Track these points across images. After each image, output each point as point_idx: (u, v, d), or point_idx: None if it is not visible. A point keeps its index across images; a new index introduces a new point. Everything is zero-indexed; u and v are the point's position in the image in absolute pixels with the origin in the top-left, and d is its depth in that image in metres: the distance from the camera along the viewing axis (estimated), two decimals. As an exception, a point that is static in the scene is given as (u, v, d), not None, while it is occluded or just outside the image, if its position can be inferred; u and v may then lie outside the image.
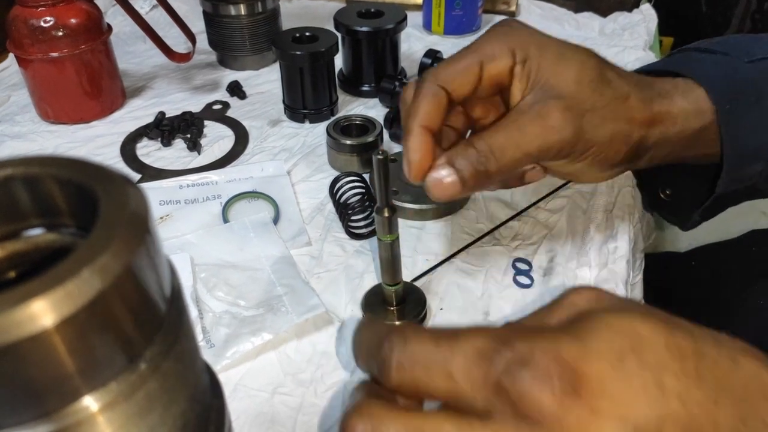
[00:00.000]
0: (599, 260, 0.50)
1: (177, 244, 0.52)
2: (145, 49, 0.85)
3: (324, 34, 0.67)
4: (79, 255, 0.17)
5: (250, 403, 0.41)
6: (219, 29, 0.77)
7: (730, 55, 0.46)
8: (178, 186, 0.59)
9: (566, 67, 0.39)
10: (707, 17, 1.86)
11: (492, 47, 0.40)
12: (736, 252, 0.74)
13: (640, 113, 0.41)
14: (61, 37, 0.64)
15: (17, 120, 0.71)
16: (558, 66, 0.39)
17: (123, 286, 0.17)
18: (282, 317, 0.46)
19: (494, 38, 0.40)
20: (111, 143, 0.67)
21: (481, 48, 0.40)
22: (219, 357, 0.43)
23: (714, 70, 0.45)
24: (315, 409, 0.40)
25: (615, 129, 0.40)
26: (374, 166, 0.37)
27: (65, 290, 0.16)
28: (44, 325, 0.16)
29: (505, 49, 0.39)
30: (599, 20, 0.91)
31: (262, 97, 0.75)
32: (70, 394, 0.18)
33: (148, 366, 0.19)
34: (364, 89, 0.74)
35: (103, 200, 0.19)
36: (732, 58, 0.45)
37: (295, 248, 0.53)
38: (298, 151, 0.65)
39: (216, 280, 0.49)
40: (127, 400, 0.19)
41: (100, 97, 0.70)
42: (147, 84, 0.78)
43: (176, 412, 0.22)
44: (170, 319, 0.20)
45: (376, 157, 0.36)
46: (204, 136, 0.68)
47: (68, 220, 0.21)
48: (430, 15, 0.88)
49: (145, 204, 0.19)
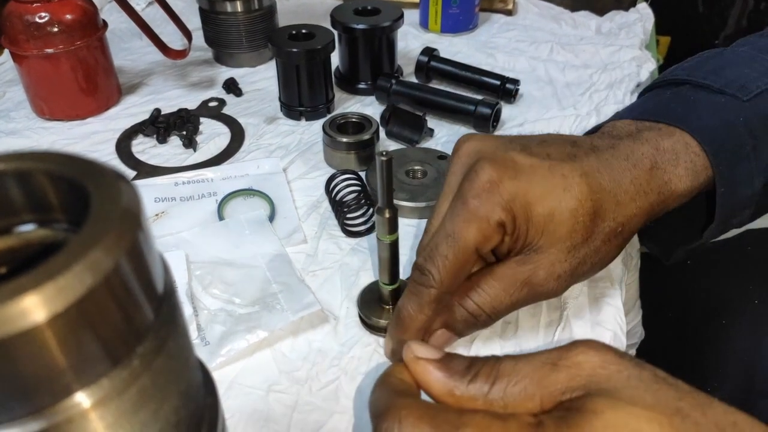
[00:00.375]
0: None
1: (172, 242, 0.52)
2: (141, 46, 0.85)
3: (320, 32, 0.67)
4: (70, 250, 0.17)
5: (245, 400, 0.41)
6: (215, 26, 0.77)
7: (726, 93, 0.44)
8: (174, 183, 0.59)
9: (558, 225, 0.37)
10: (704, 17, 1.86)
11: (480, 227, 0.36)
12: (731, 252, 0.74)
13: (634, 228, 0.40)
14: (57, 33, 0.64)
15: (12, 116, 0.71)
16: (548, 225, 0.37)
17: (115, 282, 0.17)
18: (277, 315, 0.45)
19: (480, 210, 0.36)
20: (106, 140, 0.66)
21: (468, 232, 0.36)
22: (214, 355, 0.43)
23: (711, 119, 0.42)
24: (310, 407, 0.40)
25: (611, 254, 0.40)
26: (378, 166, 0.37)
27: (56, 286, 0.16)
28: (35, 320, 0.16)
29: (493, 225, 0.36)
30: (596, 19, 0.91)
31: (259, 94, 0.75)
32: (61, 391, 0.18)
33: (140, 362, 0.19)
34: (360, 87, 0.74)
35: (94, 196, 0.19)
36: (729, 98, 0.44)
37: (291, 246, 0.52)
38: (294, 149, 0.65)
39: (211, 277, 0.49)
40: (119, 396, 0.19)
41: (95, 93, 0.70)
42: (143, 81, 0.78)
43: (169, 409, 0.21)
44: (163, 315, 0.20)
45: (380, 158, 0.36)
46: (200, 133, 0.67)
47: (60, 215, 0.21)
48: (427, 13, 0.88)
49: (137, 200, 0.19)
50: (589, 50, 0.82)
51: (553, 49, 0.83)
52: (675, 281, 0.75)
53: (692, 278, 0.74)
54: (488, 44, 0.86)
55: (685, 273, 0.76)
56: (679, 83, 0.47)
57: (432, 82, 0.77)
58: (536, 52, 0.83)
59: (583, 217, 0.37)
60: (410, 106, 0.67)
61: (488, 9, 0.94)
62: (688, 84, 0.46)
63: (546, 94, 0.74)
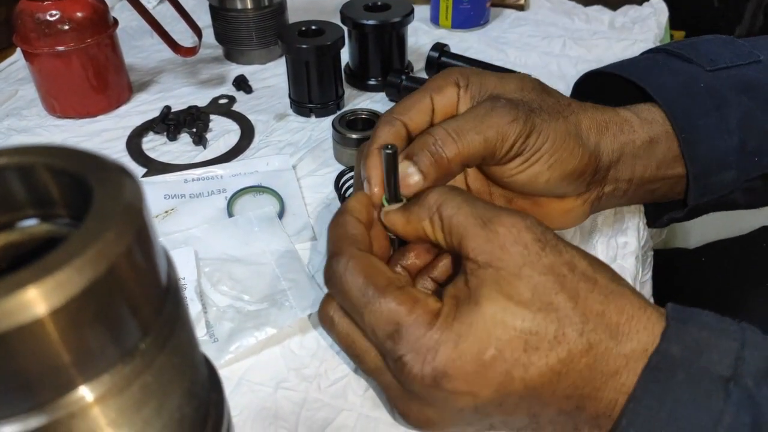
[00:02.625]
0: (608, 254, 0.50)
1: (181, 238, 0.52)
2: (151, 44, 0.85)
3: (330, 28, 0.67)
4: (71, 244, 0.17)
5: (253, 398, 0.41)
6: (225, 23, 0.77)
7: (694, 62, 0.47)
8: (183, 180, 0.59)
9: (506, 83, 0.43)
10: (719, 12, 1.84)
11: (436, 82, 0.43)
12: (747, 248, 0.73)
13: (585, 118, 0.43)
14: (67, 30, 0.64)
15: (24, 114, 0.71)
16: (499, 82, 0.43)
17: (116, 276, 0.17)
18: (286, 312, 0.45)
19: (439, 76, 0.44)
20: (117, 137, 0.67)
21: (428, 84, 0.43)
22: (222, 351, 0.43)
23: (672, 79, 0.46)
24: (318, 405, 0.40)
25: (565, 128, 0.41)
26: (383, 160, 0.37)
27: (56, 280, 0.16)
28: (34, 314, 0.16)
29: (449, 80, 0.43)
30: (609, 14, 0.90)
31: (269, 91, 0.75)
32: (62, 386, 0.18)
33: (143, 358, 0.19)
34: (370, 83, 0.74)
35: (96, 190, 0.18)
36: (694, 66, 0.47)
37: (300, 243, 0.52)
38: (303, 146, 0.64)
39: (220, 274, 0.49)
40: (121, 392, 0.19)
41: (106, 91, 0.70)
42: (153, 78, 0.78)
43: (172, 405, 0.21)
44: (166, 311, 0.20)
45: (385, 152, 0.36)
46: (210, 131, 0.67)
47: (62, 210, 0.20)
48: (438, 8, 0.87)
49: (140, 194, 0.19)
50: (602, 45, 0.81)
51: (565, 44, 0.82)
52: (690, 279, 0.74)
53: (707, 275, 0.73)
54: (500, 40, 0.85)
55: (700, 270, 0.75)
56: (660, 50, 0.51)
57: (442, 78, 0.76)
58: (548, 48, 0.82)
59: (531, 82, 0.43)
60: (420, 102, 0.67)
61: (500, 4, 0.93)
62: (665, 52, 0.50)
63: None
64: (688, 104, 0.45)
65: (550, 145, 0.41)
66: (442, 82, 0.43)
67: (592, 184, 0.44)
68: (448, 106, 0.43)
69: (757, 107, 0.45)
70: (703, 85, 0.46)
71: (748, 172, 0.46)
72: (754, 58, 0.48)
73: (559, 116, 0.42)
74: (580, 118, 0.43)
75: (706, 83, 0.46)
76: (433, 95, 0.42)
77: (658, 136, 0.44)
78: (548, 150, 0.41)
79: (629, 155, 0.44)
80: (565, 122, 0.42)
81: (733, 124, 0.45)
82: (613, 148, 0.44)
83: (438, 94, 0.42)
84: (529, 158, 0.41)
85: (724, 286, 0.68)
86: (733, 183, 0.46)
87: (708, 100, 0.45)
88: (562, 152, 0.41)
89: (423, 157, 0.38)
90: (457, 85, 0.43)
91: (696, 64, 0.47)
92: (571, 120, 0.42)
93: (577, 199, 0.44)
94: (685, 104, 0.45)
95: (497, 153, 0.40)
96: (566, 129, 0.41)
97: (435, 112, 0.43)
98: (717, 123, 0.45)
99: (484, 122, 0.39)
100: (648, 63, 0.50)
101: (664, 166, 0.45)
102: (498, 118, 0.39)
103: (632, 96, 0.47)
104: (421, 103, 0.42)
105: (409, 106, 0.42)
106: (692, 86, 0.46)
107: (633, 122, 0.44)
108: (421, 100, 0.42)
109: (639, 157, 0.45)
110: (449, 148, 0.39)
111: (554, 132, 0.41)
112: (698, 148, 0.44)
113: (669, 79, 0.47)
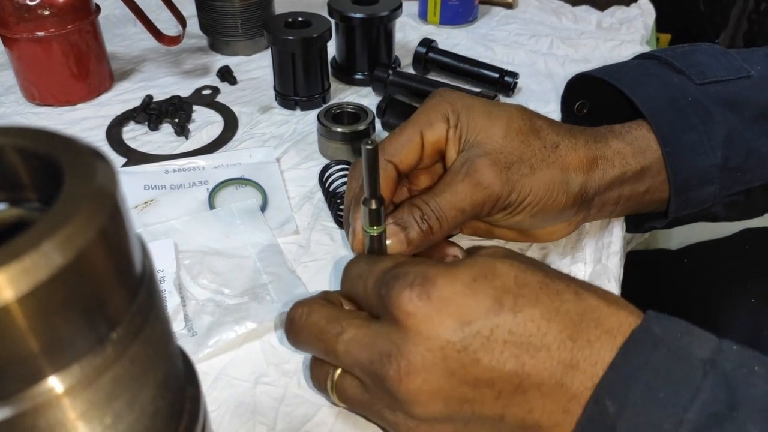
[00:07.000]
0: (594, 256, 0.49)
1: (161, 230, 0.51)
2: (134, 32, 0.84)
3: (317, 20, 0.66)
4: (39, 229, 0.16)
5: (231, 392, 0.40)
6: (210, 13, 0.76)
7: (684, 73, 0.48)
8: (164, 171, 0.58)
9: (493, 123, 0.42)
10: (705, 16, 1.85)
11: (428, 116, 0.43)
12: (729, 250, 0.73)
13: (573, 159, 0.43)
14: (48, 16, 0.63)
15: (2, 101, 0.70)
16: (485, 123, 0.42)
17: (86, 262, 0.16)
18: (267, 306, 0.45)
19: (429, 108, 0.44)
20: (97, 126, 0.65)
21: (418, 118, 0.43)
22: (201, 345, 0.42)
23: (659, 90, 0.47)
24: (298, 400, 0.39)
25: (548, 177, 0.42)
26: (363, 155, 0.36)
27: (22, 265, 0.15)
28: (1, 300, 0.15)
29: (439, 115, 0.43)
30: (597, 14, 0.90)
31: (254, 83, 0.74)
32: (29, 376, 0.17)
33: (115, 348, 0.18)
34: (357, 77, 0.73)
35: (68, 173, 0.18)
36: (683, 78, 0.47)
37: (283, 236, 0.52)
38: (288, 139, 0.64)
39: (200, 267, 0.48)
40: (92, 383, 0.18)
41: (87, 79, 0.68)
42: (136, 67, 0.77)
43: (145, 398, 0.21)
44: (140, 300, 0.19)
45: (365, 147, 0.35)
46: (192, 121, 0.66)
47: (32, 194, 0.20)
48: (426, 4, 0.87)
49: (113, 178, 0.18)
50: (589, 45, 0.81)
51: (553, 43, 0.82)
52: (672, 280, 0.75)
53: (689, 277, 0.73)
54: (488, 37, 0.85)
55: (682, 271, 0.75)
56: (652, 57, 0.51)
57: (430, 74, 0.76)
58: (536, 46, 0.82)
59: (518, 122, 0.43)
60: (407, 98, 0.66)
61: (488, 2, 0.93)
62: (657, 59, 0.50)
63: (545, 88, 0.73)
64: (673, 119, 0.45)
65: (532, 198, 0.42)
66: (433, 116, 0.43)
67: (579, 211, 0.45)
68: (438, 143, 0.43)
69: (742, 124, 0.46)
70: (690, 99, 0.46)
71: (730, 188, 0.46)
72: (744, 73, 0.48)
73: (543, 165, 0.42)
74: (567, 162, 0.43)
75: (693, 97, 0.46)
76: (424, 131, 0.43)
77: (650, 164, 0.45)
78: (530, 202, 0.42)
79: (617, 184, 0.45)
80: (549, 170, 0.42)
81: (718, 140, 0.45)
82: (602, 183, 0.44)
83: (429, 130, 0.43)
84: (512, 211, 0.43)
85: (706, 287, 0.68)
86: (713, 197, 0.46)
87: (693, 115, 0.45)
88: (546, 201, 0.42)
89: (410, 228, 0.40)
90: (447, 121, 0.43)
91: (686, 76, 0.47)
92: (556, 165, 0.42)
93: (563, 223, 0.46)
94: (670, 118, 0.45)
95: (479, 215, 0.42)
96: (550, 178, 0.42)
97: (425, 147, 0.43)
98: (701, 139, 0.45)
99: (460, 194, 0.41)
100: (638, 71, 0.49)
101: (653, 190, 0.46)
102: (473, 190, 0.41)
103: (620, 99, 0.48)
104: (411, 142, 0.43)
105: (399, 146, 0.43)
106: (679, 100, 0.46)
107: (626, 154, 0.44)
108: (412, 138, 0.43)
109: (629, 184, 0.45)
110: (434, 225, 0.41)
111: (536, 184, 0.41)
112: (681, 162, 0.45)
113: (657, 90, 0.47)
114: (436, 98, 0.44)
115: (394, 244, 0.40)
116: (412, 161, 0.43)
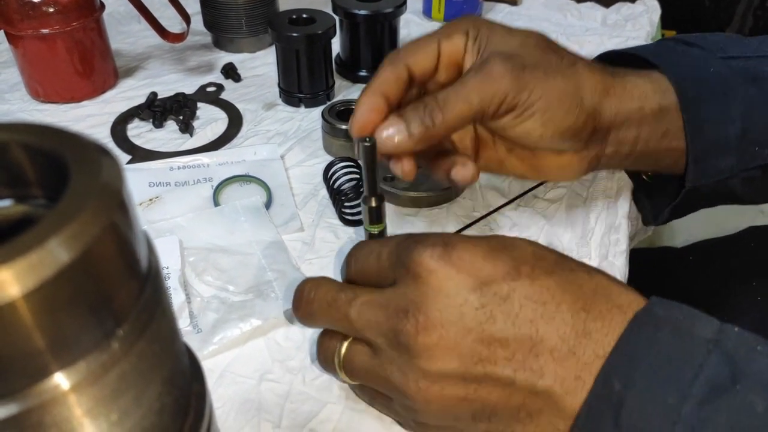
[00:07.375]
0: (600, 252, 0.49)
1: (166, 227, 0.51)
2: (139, 30, 0.84)
3: (321, 17, 0.66)
4: (45, 225, 0.16)
5: (236, 389, 0.40)
6: (214, 10, 0.76)
7: (705, 49, 0.47)
8: (169, 168, 0.58)
9: (512, 37, 0.42)
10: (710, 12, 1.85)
11: (448, 29, 0.43)
12: (733, 248, 0.73)
13: (590, 79, 0.43)
14: (52, 13, 0.63)
15: (7, 98, 0.70)
16: (505, 37, 0.42)
17: (92, 259, 0.16)
18: (271, 303, 0.45)
19: (451, 24, 0.44)
20: (102, 123, 0.65)
21: (438, 31, 0.43)
22: (206, 342, 0.42)
23: (683, 60, 0.47)
24: (303, 397, 0.39)
25: (562, 85, 0.41)
26: (361, 153, 0.36)
27: (29, 261, 0.15)
28: (7, 296, 0.15)
29: (459, 29, 0.43)
30: (602, 10, 0.90)
31: (258, 80, 0.74)
32: (35, 373, 0.17)
33: (121, 345, 0.18)
34: (361, 74, 0.73)
35: (73, 170, 0.18)
36: (705, 52, 0.47)
37: (287, 233, 0.52)
38: (292, 136, 0.64)
39: (205, 264, 0.48)
40: (98, 380, 0.18)
41: (91, 76, 0.69)
42: (140, 64, 0.77)
43: (152, 395, 0.21)
44: (146, 296, 0.19)
45: (363, 144, 0.35)
46: (197, 118, 0.66)
47: (38, 190, 0.20)
48: (431, 1, 0.86)
49: (119, 174, 0.18)
50: (594, 41, 0.81)
51: (558, 40, 0.81)
52: (676, 278, 0.74)
53: (693, 275, 0.73)
54: (492, 34, 0.85)
55: (687, 269, 0.75)
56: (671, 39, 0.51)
57: (434, 71, 0.76)
58: (540, 43, 0.82)
59: (537, 38, 0.43)
60: (411, 94, 0.66)
61: (492, -2, 0.93)
62: (676, 40, 0.50)
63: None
64: (695, 85, 0.45)
65: (542, 102, 0.41)
66: (453, 28, 0.43)
67: (592, 143, 0.44)
68: (455, 54, 0.43)
69: (762, 98, 0.46)
70: (712, 71, 0.46)
71: (747, 161, 0.46)
72: (762, 52, 0.48)
73: (557, 74, 0.41)
74: (583, 78, 0.42)
75: (715, 69, 0.46)
76: (442, 40, 0.42)
77: (669, 105, 0.44)
78: (541, 107, 0.41)
79: (636, 120, 0.44)
80: (563, 80, 0.41)
81: (737, 112, 0.45)
82: (618, 111, 0.43)
83: (446, 40, 0.42)
84: (521, 114, 0.41)
85: (710, 285, 0.68)
86: (731, 169, 0.46)
87: (715, 85, 0.45)
88: (557, 110, 0.41)
89: (412, 119, 0.39)
90: (467, 34, 0.43)
91: (707, 50, 0.48)
92: (571, 79, 0.42)
93: (575, 155, 0.44)
94: (692, 85, 0.45)
95: (487, 112, 0.41)
96: (563, 87, 0.41)
97: (441, 57, 0.42)
98: (721, 108, 0.45)
99: (469, 86, 0.40)
100: (661, 47, 0.50)
101: (670, 136, 0.45)
102: (484, 82, 0.40)
103: None
104: (428, 46, 0.42)
105: (415, 48, 0.42)
106: (702, 70, 0.46)
107: (646, 90, 0.44)
108: (429, 44, 0.42)
109: (647, 123, 0.45)
110: (437, 117, 0.40)
111: (549, 90, 0.41)
112: (700, 129, 0.45)
113: (680, 59, 0.47)
114: (460, 18, 0.44)
115: (395, 135, 0.39)
116: (425, 67, 0.42)
